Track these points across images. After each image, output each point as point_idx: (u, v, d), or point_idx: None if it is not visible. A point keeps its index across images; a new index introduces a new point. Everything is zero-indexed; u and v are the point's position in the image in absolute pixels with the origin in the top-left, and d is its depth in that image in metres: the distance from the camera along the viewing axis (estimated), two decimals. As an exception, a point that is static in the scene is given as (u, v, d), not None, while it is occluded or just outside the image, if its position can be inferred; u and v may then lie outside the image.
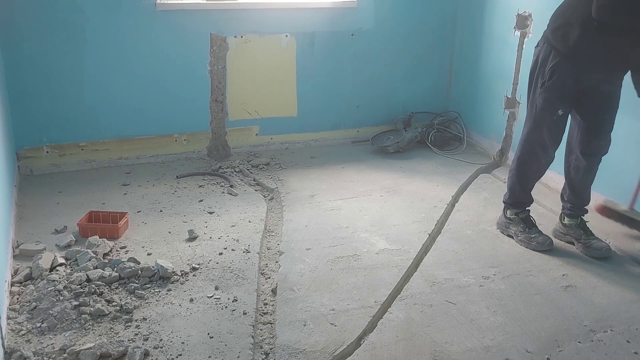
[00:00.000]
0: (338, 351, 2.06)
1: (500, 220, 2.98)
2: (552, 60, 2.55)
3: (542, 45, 2.63)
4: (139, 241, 2.81)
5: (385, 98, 4.38)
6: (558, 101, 2.59)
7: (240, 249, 2.75)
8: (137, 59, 3.65)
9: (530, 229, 2.84)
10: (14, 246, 2.66)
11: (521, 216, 2.87)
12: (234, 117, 4.02)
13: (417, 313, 2.29)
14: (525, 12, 3.62)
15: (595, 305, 2.37)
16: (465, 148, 4.22)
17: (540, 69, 2.62)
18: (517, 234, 2.86)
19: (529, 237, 2.81)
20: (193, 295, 2.37)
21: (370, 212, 3.17)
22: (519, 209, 2.89)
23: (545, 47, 2.59)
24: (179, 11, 3.65)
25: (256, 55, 3.93)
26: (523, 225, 2.85)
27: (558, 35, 2.52)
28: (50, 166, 3.65)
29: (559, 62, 2.52)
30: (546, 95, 2.60)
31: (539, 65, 2.63)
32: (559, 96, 2.59)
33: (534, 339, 2.15)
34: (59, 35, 3.45)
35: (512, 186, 2.90)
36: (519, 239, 2.84)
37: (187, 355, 2.02)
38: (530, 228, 2.84)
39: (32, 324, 2.13)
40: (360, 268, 2.61)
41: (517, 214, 2.88)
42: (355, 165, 3.89)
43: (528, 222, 2.86)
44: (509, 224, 2.91)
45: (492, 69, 4.03)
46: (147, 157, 3.87)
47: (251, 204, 3.26)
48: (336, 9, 4.02)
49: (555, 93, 2.58)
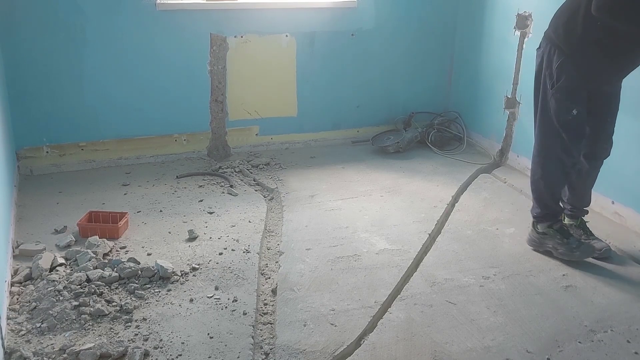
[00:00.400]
0: (338, 351, 2.06)
1: (532, 237, 2.77)
2: (557, 59, 2.49)
3: (544, 46, 2.57)
4: (139, 241, 2.81)
5: (385, 98, 4.38)
6: (571, 101, 2.52)
7: (240, 249, 2.75)
8: (137, 59, 3.65)
9: (569, 239, 2.65)
10: (14, 246, 2.66)
11: (555, 227, 2.69)
12: (234, 117, 4.02)
13: (417, 313, 2.29)
14: (525, 12, 3.62)
15: (595, 305, 2.37)
16: (466, 148, 4.22)
17: (546, 70, 2.56)
18: (556, 247, 2.66)
19: (569, 247, 2.62)
20: (193, 295, 2.37)
21: (371, 212, 3.17)
22: (551, 220, 2.70)
23: (549, 47, 2.53)
24: (179, 11, 3.65)
25: (256, 55, 3.93)
26: (560, 237, 2.66)
27: (561, 34, 2.48)
28: (50, 166, 3.65)
29: (565, 61, 2.47)
30: (558, 96, 2.53)
31: (544, 66, 2.57)
32: (571, 95, 2.51)
33: (534, 339, 2.15)
34: (59, 35, 3.45)
35: (540, 197, 2.73)
36: (559, 252, 2.65)
37: (187, 355, 2.02)
38: (568, 238, 2.66)
39: (32, 324, 2.13)
40: (361, 268, 2.61)
41: (551, 226, 2.70)
42: (355, 165, 3.89)
43: (564, 232, 2.68)
44: (544, 238, 2.71)
45: (492, 69, 4.02)
46: (147, 157, 3.87)
47: (251, 204, 3.26)
48: (336, 9, 4.02)
49: (567, 92, 2.51)
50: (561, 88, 2.51)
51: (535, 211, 2.77)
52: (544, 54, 2.57)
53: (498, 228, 3.02)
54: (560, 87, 2.51)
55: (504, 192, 3.50)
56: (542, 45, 2.61)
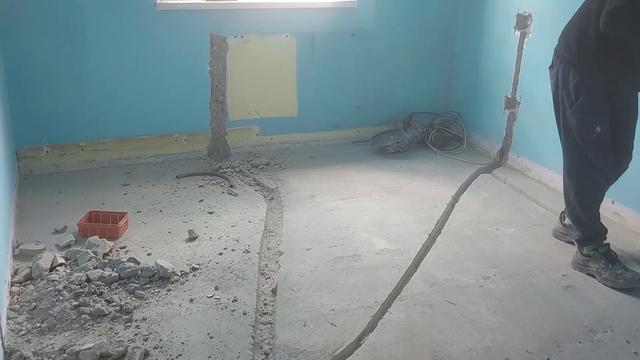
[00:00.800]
0: (338, 351, 2.06)
1: (577, 259, 2.64)
2: (573, 78, 2.42)
3: (558, 64, 2.49)
4: (138, 241, 2.81)
5: (385, 98, 4.38)
6: (593, 118, 2.43)
7: (240, 249, 2.75)
8: (137, 59, 3.65)
9: (614, 265, 2.52)
10: (14, 246, 2.66)
11: (601, 251, 2.56)
12: (234, 117, 4.02)
13: (417, 313, 2.29)
14: (525, 12, 3.62)
15: (595, 305, 2.37)
16: (466, 148, 4.22)
17: (563, 89, 2.48)
18: (600, 271, 2.53)
19: (614, 274, 2.49)
20: (193, 295, 2.37)
21: (371, 212, 3.17)
22: (596, 243, 2.59)
23: (562, 65, 2.46)
24: (179, 11, 3.65)
25: (256, 55, 3.93)
26: (605, 262, 2.53)
27: (574, 51, 2.41)
28: (50, 166, 3.65)
29: (581, 79, 2.40)
30: (578, 115, 2.45)
31: (560, 86, 2.49)
32: (592, 113, 2.43)
33: (534, 339, 2.15)
34: (59, 35, 3.45)
35: (577, 219, 2.62)
36: (602, 277, 2.52)
37: (187, 355, 2.02)
38: (614, 263, 2.53)
39: (32, 324, 2.13)
40: (361, 268, 2.61)
41: (596, 249, 2.57)
42: (355, 165, 3.89)
43: (610, 256, 2.55)
44: (588, 261, 2.58)
45: (492, 69, 4.02)
46: (147, 157, 3.87)
47: (251, 204, 3.26)
48: (336, 8, 4.02)
49: (588, 111, 2.42)
50: (581, 107, 2.43)
51: (576, 234, 2.66)
52: (558, 72, 2.50)
53: (498, 228, 3.02)
54: (579, 106, 2.43)
55: (504, 192, 3.50)
56: (555, 64, 2.53)
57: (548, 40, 3.43)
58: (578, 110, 2.45)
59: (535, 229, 3.02)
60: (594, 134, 2.45)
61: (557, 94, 2.54)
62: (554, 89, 2.56)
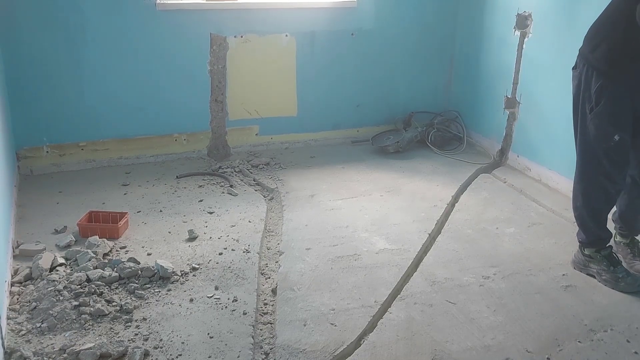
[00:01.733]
0: (338, 351, 2.06)
1: (577, 258, 2.62)
2: (595, 82, 2.31)
3: (581, 67, 2.38)
4: (139, 241, 2.81)
5: (385, 98, 4.38)
6: (612, 126, 2.33)
7: (240, 249, 2.75)
8: (137, 59, 3.65)
9: (616, 267, 2.49)
10: (14, 246, 2.66)
11: (603, 253, 2.53)
12: (234, 117, 4.02)
13: (417, 312, 2.29)
14: (525, 12, 3.62)
15: (595, 304, 2.37)
16: (465, 148, 4.22)
17: (584, 93, 2.37)
18: (601, 272, 2.51)
19: (615, 276, 2.47)
20: (193, 295, 2.37)
21: (371, 212, 3.17)
22: (598, 246, 2.55)
23: (586, 68, 2.35)
24: (179, 11, 3.65)
25: (256, 55, 3.93)
26: (607, 264, 2.50)
27: (598, 54, 2.31)
28: (50, 166, 3.65)
29: (604, 83, 2.29)
30: (597, 122, 2.35)
31: (582, 89, 2.38)
32: (612, 121, 2.32)
33: (534, 338, 2.15)
34: (59, 35, 3.45)
35: (584, 224, 2.57)
36: (602, 278, 2.50)
37: (187, 355, 2.02)
38: (616, 266, 2.50)
39: (32, 324, 2.13)
40: (361, 267, 2.61)
41: (599, 251, 2.54)
42: (355, 165, 3.89)
43: (612, 259, 2.52)
44: (589, 261, 2.56)
45: (492, 69, 4.02)
46: (147, 157, 3.87)
47: (251, 203, 3.26)
48: (336, 8, 4.02)
49: (607, 118, 2.32)
50: (601, 113, 2.33)
51: (580, 237, 2.61)
52: (581, 74, 2.39)
53: (498, 227, 3.02)
54: (599, 111, 2.33)
55: (504, 191, 3.50)
56: (578, 66, 2.43)
57: (548, 40, 3.45)
58: (597, 116, 2.35)
59: (535, 228, 3.02)
60: (612, 142, 2.35)
61: (577, 96, 2.44)
62: (576, 91, 2.45)
